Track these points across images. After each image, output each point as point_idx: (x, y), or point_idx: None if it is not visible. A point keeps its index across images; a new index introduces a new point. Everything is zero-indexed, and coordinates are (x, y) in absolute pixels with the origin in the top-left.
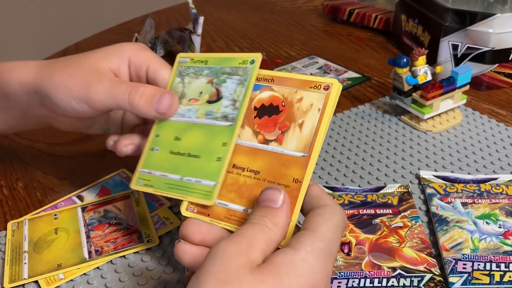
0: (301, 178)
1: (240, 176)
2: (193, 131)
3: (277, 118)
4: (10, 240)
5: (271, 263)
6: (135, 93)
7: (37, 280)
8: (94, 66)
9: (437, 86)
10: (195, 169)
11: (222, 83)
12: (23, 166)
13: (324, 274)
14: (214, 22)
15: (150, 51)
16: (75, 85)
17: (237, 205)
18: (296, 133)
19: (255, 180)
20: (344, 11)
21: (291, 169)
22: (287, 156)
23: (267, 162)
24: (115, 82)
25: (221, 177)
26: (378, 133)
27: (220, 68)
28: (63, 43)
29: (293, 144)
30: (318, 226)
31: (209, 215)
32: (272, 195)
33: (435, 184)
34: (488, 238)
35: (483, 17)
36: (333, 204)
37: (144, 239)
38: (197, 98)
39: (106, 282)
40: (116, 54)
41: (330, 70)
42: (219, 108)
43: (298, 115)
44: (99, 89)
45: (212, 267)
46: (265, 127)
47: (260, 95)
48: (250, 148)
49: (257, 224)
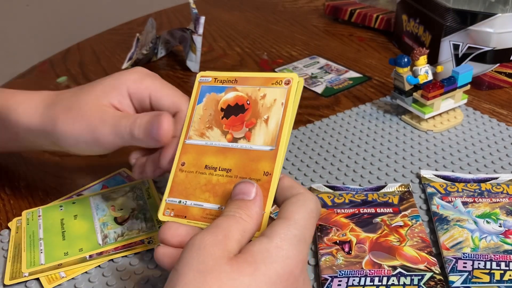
0: (271, 171)
1: (212, 176)
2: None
3: (243, 116)
4: (13, 237)
5: (247, 252)
6: (133, 126)
7: (39, 278)
8: (95, 105)
9: (438, 86)
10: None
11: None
12: (25, 165)
13: (300, 259)
14: (215, 22)
15: (151, 78)
16: (80, 131)
17: (212, 204)
18: (263, 129)
19: (228, 178)
20: (345, 11)
21: (261, 163)
22: (256, 151)
23: (238, 159)
24: (117, 119)
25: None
26: (379, 132)
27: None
28: (66, 43)
29: (260, 139)
30: (291, 213)
31: (185, 217)
32: (245, 188)
33: (435, 183)
34: (489, 237)
35: (484, 17)
36: (305, 192)
37: (145, 240)
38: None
39: (107, 281)
40: (115, 90)
41: (331, 70)
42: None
43: (263, 111)
44: (103, 131)
45: (190, 259)
46: (233, 126)
47: (225, 97)
48: (220, 148)
49: (232, 216)
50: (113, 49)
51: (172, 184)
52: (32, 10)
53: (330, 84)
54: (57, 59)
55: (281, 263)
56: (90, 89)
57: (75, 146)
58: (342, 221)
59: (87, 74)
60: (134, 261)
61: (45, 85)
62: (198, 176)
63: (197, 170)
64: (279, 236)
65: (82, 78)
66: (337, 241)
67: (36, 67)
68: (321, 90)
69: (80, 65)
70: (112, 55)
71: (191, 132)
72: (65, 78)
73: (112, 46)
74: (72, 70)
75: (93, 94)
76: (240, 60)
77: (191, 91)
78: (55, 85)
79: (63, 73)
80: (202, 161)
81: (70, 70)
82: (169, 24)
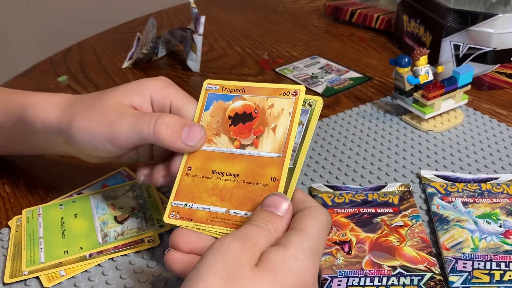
0: (279, 176)
1: (219, 180)
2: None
3: (251, 124)
4: (13, 235)
5: (265, 260)
6: (161, 122)
7: (39, 276)
8: (115, 104)
9: (438, 86)
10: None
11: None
12: (25, 164)
13: (313, 271)
14: (216, 22)
15: (174, 87)
16: (96, 126)
17: (218, 207)
18: (270, 137)
19: (235, 183)
20: (346, 11)
21: (268, 169)
22: (264, 157)
23: (245, 165)
24: (137, 114)
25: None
26: (379, 132)
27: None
28: (66, 42)
29: (268, 146)
30: (305, 225)
31: (192, 219)
32: (278, 202)
33: (436, 183)
34: (489, 237)
35: (485, 17)
36: (317, 205)
37: (145, 239)
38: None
39: (107, 279)
40: (138, 92)
41: (332, 70)
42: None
43: (271, 120)
44: (121, 125)
45: (214, 261)
46: (241, 134)
47: (233, 105)
48: (228, 154)
49: (262, 228)
50: (114, 48)
51: (178, 188)
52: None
53: (331, 84)
54: (58, 58)
55: (296, 273)
56: (113, 91)
57: (89, 143)
58: (342, 221)
59: (88, 73)
60: (134, 259)
61: (46, 84)
62: (205, 180)
63: (204, 175)
64: (295, 247)
65: (82, 78)
66: (337, 241)
67: (37, 66)
68: (321, 90)
69: (80, 64)
70: (113, 54)
71: None
72: (65, 77)
73: (113, 45)
74: (72, 70)
75: (114, 95)
76: (241, 60)
77: (191, 90)
78: (56, 84)
79: (63, 72)
80: (209, 166)
81: (71, 69)
82: (169, 23)
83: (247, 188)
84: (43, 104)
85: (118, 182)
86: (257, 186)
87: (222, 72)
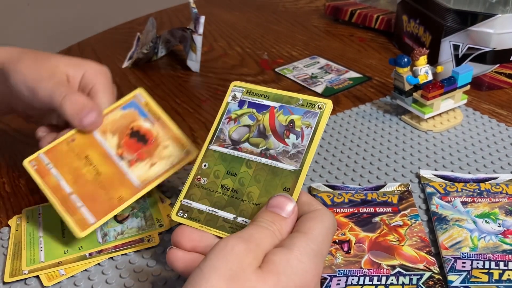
0: (125, 198)
1: (86, 166)
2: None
3: (141, 146)
4: (13, 234)
5: (269, 261)
6: (69, 98)
7: (39, 276)
8: (54, 66)
9: (438, 86)
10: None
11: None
12: None
13: (316, 273)
14: (216, 22)
15: (106, 78)
16: (30, 75)
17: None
18: (144, 167)
19: (93, 177)
20: (345, 11)
21: (120, 188)
22: (126, 178)
23: (110, 171)
24: (59, 84)
25: None
26: (379, 132)
27: (283, 106)
28: (66, 43)
29: (136, 173)
30: (310, 228)
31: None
32: (283, 204)
33: (435, 183)
34: (488, 237)
35: (484, 17)
36: (323, 208)
37: (144, 239)
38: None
39: (107, 279)
40: (76, 66)
41: (332, 70)
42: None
43: (157, 156)
44: (44, 85)
45: (217, 262)
46: (128, 148)
47: (143, 122)
48: (107, 153)
49: (266, 229)
50: (114, 48)
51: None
52: (33, 9)
53: (330, 84)
54: None
55: (299, 276)
56: (60, 57)
57: (17, 85)
58: (342, 221)
59: None
60: (133, 259)
61: None
62: (75, 159)
63: (77, 154)
64: (298, 249)
65: None
66: (336, 241)
67: None
68: (321, 90)
69: None
70: (113, 54)
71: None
72: None
73: (113, 45)
74: None
75: (58, 60)
76: (241, 60)
77: (191, 90)
78: None
79: None
80: (87, 151)
81: None
82: (169, 23)
83: (97, 189)
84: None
85: None
86: (104, 194)
87: (222, 72)
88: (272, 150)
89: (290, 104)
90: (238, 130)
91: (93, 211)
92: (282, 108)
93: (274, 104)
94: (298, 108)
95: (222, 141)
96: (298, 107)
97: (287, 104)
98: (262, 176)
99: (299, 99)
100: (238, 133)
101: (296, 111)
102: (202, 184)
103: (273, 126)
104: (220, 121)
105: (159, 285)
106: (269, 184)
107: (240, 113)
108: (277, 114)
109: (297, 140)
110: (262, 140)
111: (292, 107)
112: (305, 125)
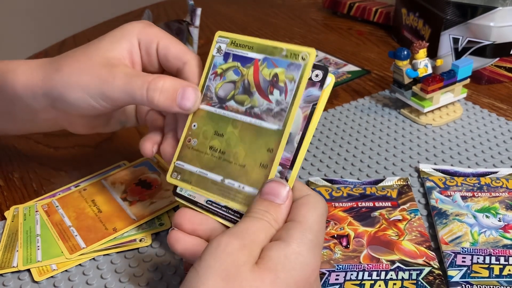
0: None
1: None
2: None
3: (145, 191)
4: (8, 226)
5: (266, 257)
6: (154, 88)
7: (30, 269)
8: (105, 58)
9: (437, 79)
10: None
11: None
12: (19, 157)
13: (316, 266)
14: (213, 15)
15: (157, 28)
16: (89, 82)
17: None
18: (145, 205)
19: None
20: (344, 4)
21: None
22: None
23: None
24: (130, 76)
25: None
26: (378, 126)
27: (267, 58)
28: (61, 35)
29: (136, 210)
30: (305, 217)
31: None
32: (276, 189)
33: (434, 177)
34: (488, 232)
35: (484, 10)
36: (315, 194)
37: (137, 239)
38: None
39: (102, 273)
40: (124, 37)
41: (330, 64)
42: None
43: (158, 196)
44: (114, 86)
45: (212, 261)
46: (132, 192)
47: (151, 174)
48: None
49: (260, 220)
50: None
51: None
52: (28, 2)
53: None
54: (53, 51)
55: (299, 270)
56: (99, 43)
57: (81, 100)
58: (340, 215)
59: None
60: (129, 253)
61: None
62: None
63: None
64: (296, 242)
65: None
66: (335, 235)
67: (32, 58)
68: None
69: None
70: None
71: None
72: None
73: None
74: None
75: (102, 48)
76: None
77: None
78: None
79: None
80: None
81: None
82: (166, 16)
83: (95, 223)
84: (23, 67)
85: None
86: (101, 226)
87: None
88: (256, 108)
89: (274, 55)
90: (224, 87)
91: (85, 239)
92: (266, 61)
93: (258, 56)
94: (281, 60)
95: (209, 99)
96: (282, 59)
97: (271, 56)
98: (247, 137)
99: (282, 49)
100: (224, 90)
101: (280, 63)
102: (192, 146)
103: (257, 81)
104: (206, 77)
105: (155, 281)
106: (253, 145)
107: (225, 67)
108: (261, 68)
109: (281, 96)
110: (247, 97)
111: (276, 58)
112: (289, 79)
